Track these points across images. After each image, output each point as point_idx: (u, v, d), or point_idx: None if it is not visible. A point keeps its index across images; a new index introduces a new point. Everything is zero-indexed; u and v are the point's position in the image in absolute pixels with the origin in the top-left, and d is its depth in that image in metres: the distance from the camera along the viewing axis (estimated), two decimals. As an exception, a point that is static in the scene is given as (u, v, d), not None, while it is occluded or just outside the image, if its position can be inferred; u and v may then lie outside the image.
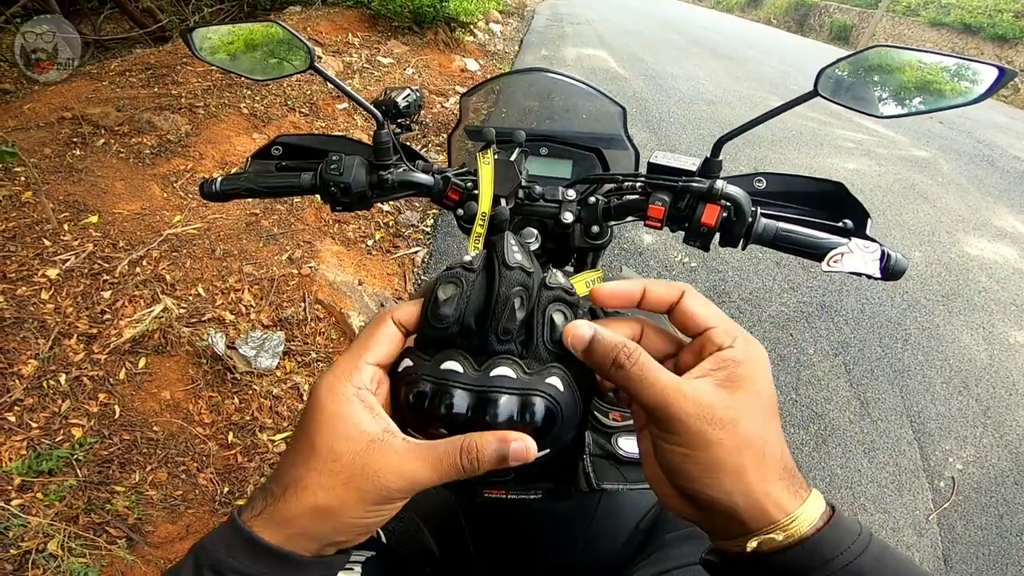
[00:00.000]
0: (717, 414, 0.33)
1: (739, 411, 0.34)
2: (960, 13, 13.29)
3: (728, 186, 0.61)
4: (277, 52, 0.73)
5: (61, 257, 2.12)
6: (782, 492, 0.33)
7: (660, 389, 0.34)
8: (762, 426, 0.34)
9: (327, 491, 0.33)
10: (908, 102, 0.62)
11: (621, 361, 0.36)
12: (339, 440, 0.34)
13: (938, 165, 5.31)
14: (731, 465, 0.33)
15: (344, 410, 0.35)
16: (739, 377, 0.35)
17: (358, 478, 0.33)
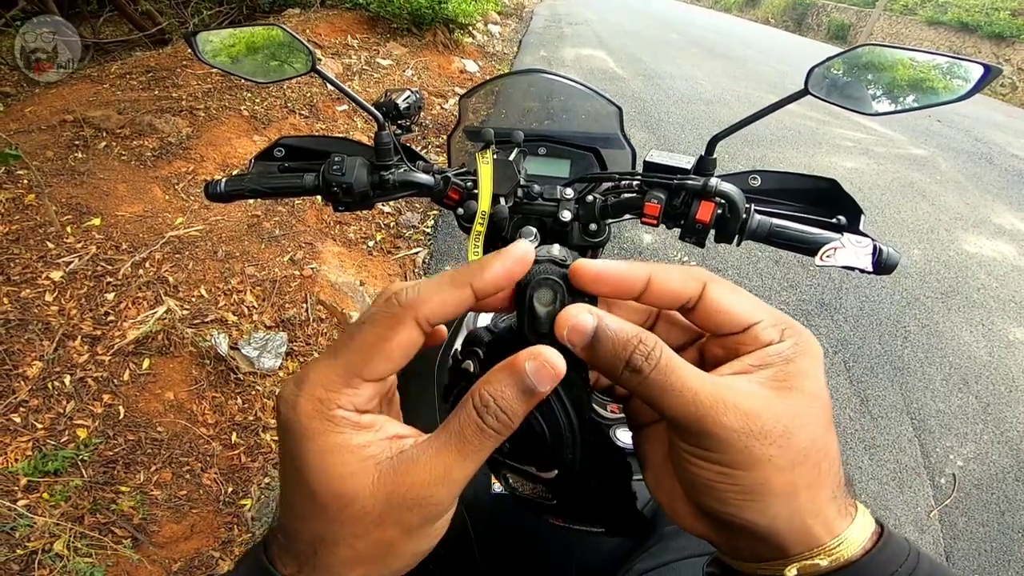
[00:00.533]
0: (767, 426, 0.26)
1: (794, 420, 0.27)
2: (957, 11, 13.31)
3: (722, 183, 0.62)
4: (278, 55, 0.75)
5: (64, 259, 2.14)
6: (835, 514, 0.28)
7: (692, 397, 0.27)
8: (821, 436, 0.28)
9: (362, 539, 0.28)
10: (898, 99, 0.64)
11: (637, 363, 0.27)
12: (344, 480, 0.27)
13: (936, 163, 5.32)
14: (781, 486, 0.27)
15: (335, 441, 0.27)
16: (791, 376, 0.28)
17: (392, 512, 0.27)
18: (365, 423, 0.28)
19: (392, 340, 0.28)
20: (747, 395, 0.27)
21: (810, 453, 0.27)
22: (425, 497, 0.27)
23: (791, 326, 0.30)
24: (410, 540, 0.29)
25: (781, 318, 0.30)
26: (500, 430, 0.28)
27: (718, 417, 0.26)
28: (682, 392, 0.27)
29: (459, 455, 0.27)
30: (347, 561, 0.28)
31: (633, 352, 0.27)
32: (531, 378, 0.27)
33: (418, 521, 0.28)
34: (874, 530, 0.29)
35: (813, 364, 0.29)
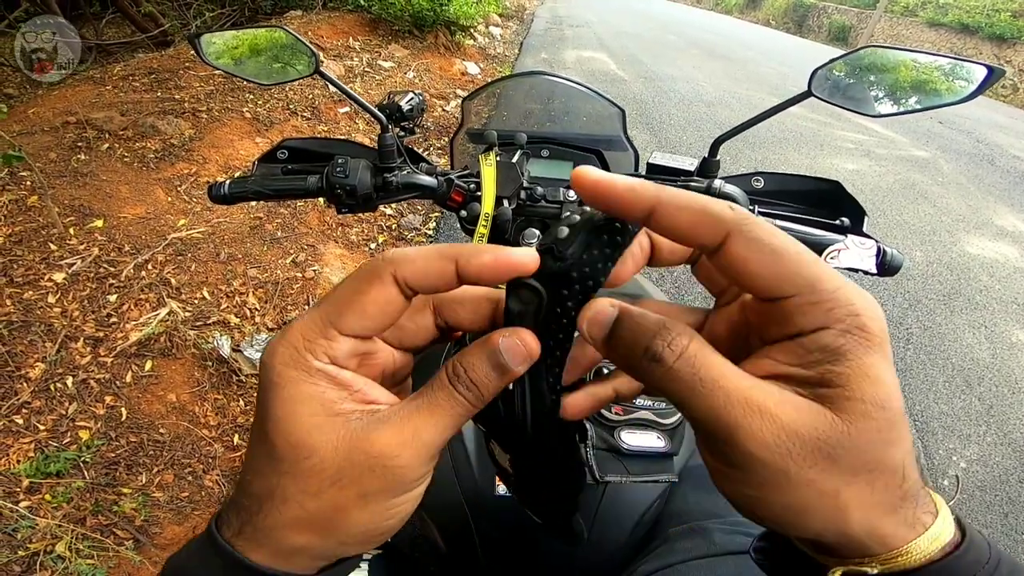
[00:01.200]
0: (808, 446, 0.22)
1: (844, 440, 0.22)
2: (958, 13, 13.30)
3: (726, 185, 0.63)
4: (282, 57, 0.75)
5: (67, 261, 2.14)
6: (897, 526, 0.23)
7: (723, 400, 0.22)
8: (879, 453, 0.22)
9: (314, 498, 0.26)
10: (901, 101, 0.64)
11: (658, 351, 0.24)
12: (308, 431, 0.25)
13: (938, 165, 5.32)
14: (824, 508, 0.23)
15: (306, 390, 0.26)
16: (843, 382, 0.22)
17: (351, 471, 0.25)
18: (342, 380, 0.27)
19: (368, 294, 0.26)
20: (787, 406, 0.22)
21: (861, 473, 0.22)
22: (389, 457, 0.25)
23: (840, 301, 0.22)
24: (365, 508, 0.26)
25: (825, 289, 0.22)
26: (472, 401, 0.26)
27: (750, 429, 0.22)
28: (712, 392, 0.23)
29: (429, 417, 0.26)
30: (292, 523, 0.26)
31: (654, 338, 0.24)
32: (504, 355, 0.26)
33: (378, 486, 0.26)
34: (951, 540, 0.24)
35: (873, 360, 0.22)
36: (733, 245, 0.23)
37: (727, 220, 0.23)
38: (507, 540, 0.65)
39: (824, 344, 0.22)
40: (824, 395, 0.22)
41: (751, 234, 0.23)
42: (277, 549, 0.27)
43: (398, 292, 0.27)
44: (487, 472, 0.65)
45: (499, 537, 0.65)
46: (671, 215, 0.24)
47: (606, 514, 0.65)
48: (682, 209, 0.24)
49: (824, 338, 0.22)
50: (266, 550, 0.27)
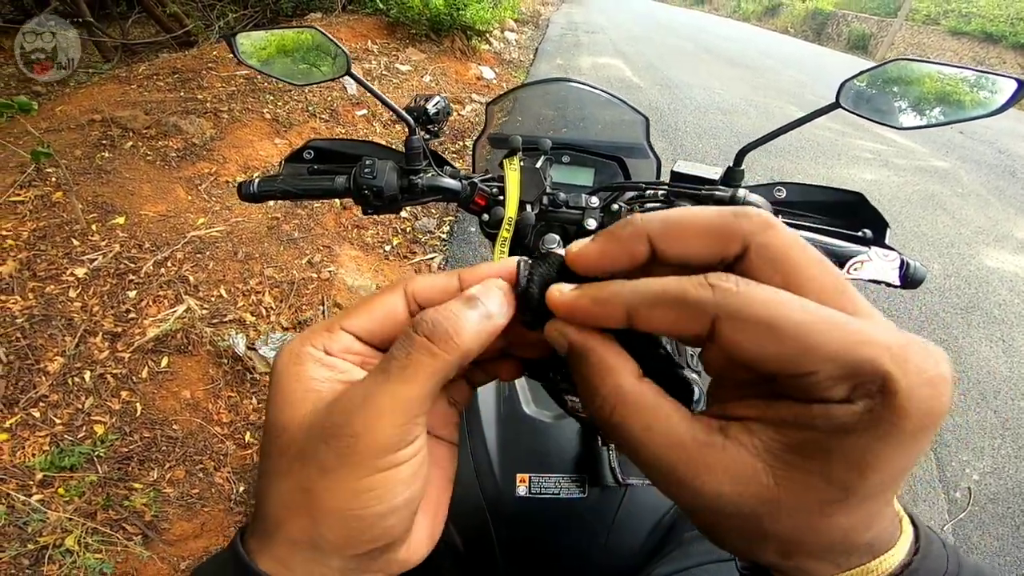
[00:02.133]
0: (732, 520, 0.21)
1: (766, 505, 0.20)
2: (981, 22, 13.14)
3: (750, 195, 0.63)
4: (313, 57, 0.76)
5: (89, 256, 2.18)
6: (818, 564, 0.22)
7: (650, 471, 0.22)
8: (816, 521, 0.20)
9: (285, 477, 0.25)
10: (928, 113, 0.64)
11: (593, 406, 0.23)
12: (283, 410, 0.25)
13: (958, 176, 5.25)
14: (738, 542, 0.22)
15: (294, 372, 0.26)
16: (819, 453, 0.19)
17: (310, 445, 0.24)
18: (328, 362, 0.27)
19: (378, 299, 0.28)
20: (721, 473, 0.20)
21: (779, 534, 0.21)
22: (339, 425, 0.24)
23: (877, 376, 0.18)
24: (330, 486, 0.24)
25: (862, 362, 0.18)
26: (444, 348, 0.24)
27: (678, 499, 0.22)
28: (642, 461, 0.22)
29: (384, 375, 0.24)
30: (278, 507, 0.25)
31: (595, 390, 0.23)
32: (479, 295, 0.25)
33: (335, 460, 0.24)
34: (911, 547, 0.23)
35: (882, 447, 0.18)
36: (723, 332, 0.20)
37: (707, 305, 0.20)
38: (526, 542, 0.65)
39: (832, 418, 0.19)
40: (785, 460, 0.20)
41: (741, 314, 0.19)
42: (277, 553, 0.25)
43: (403, 303, 0.28)
44: (508, 474, 0.66)
45: (518, 539, 0.65)
46: (650, 319, 0.21)
47: (625, 517, 0.65)
48: (656, 307, 0.21)
49: (837, 413, 0.19)
50: (268, 554, 0.25)
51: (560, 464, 0.66)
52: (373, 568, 0.27)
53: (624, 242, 0.23)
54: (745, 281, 0.20)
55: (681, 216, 0.22)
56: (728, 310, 0.20)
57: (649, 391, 0.23)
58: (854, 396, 0.18)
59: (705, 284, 0.20)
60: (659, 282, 0.21)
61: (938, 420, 0.18)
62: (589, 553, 0.64)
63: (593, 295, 0.23)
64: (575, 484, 0.65)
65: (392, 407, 0.24)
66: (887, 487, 0.20)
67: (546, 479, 0.65)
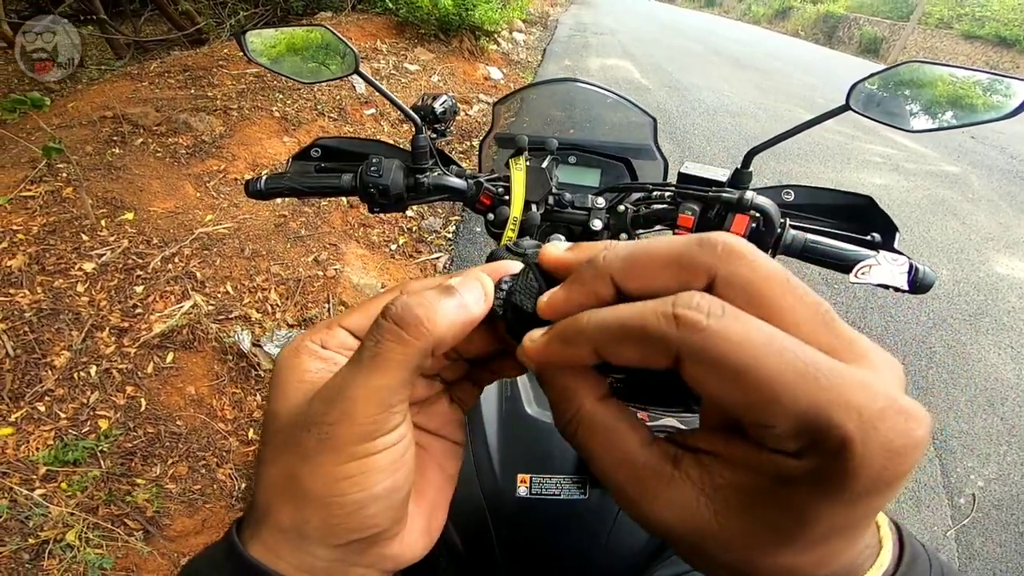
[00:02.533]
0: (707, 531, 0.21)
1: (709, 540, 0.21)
2: (995, 25, 13.03)
3: (758, 197, 0.62)
4: (322, 56, 0.77)
5: (97, 252, 2.20)
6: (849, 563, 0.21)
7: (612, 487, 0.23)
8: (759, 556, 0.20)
9: (273, 464, 0.26)
10: (939, 116, 0.63)
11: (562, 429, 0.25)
12: (277, 400, 0.27)
13: (969, 181, 5.20)
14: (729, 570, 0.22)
15: (292, 363, 0.27)
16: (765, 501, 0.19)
17: (293, 432, 0.25)
18: (323, 355, 0.28)
19: (375, 300, 0.29)
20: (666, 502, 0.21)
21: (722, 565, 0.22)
22: (319, 413, 0.24)
23: (836, 439, 0.17)
24: (310, 470, 0.24)
25: (821, 421, 0.17)
26: (413, 335, 0.24)
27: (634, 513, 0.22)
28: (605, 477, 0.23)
29: (356, 364, 0.24)
30: (270, 493, 0.25)
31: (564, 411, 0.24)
32: (456, 285, 0.25)
33: (313, 445, 0.24)
34: (891, 563, 0.23)
35: (829, 506, 0.18)
36: (686, 368, 0.19)
37: (671, 340, 0.19)
38: (525, 543, 0.65)
39: (783, 470, 0.18)
40: (729, 501, 0.20)
41: (705, 355, 0.18)
42: (266, 531, 0.25)
43: None
44: (509, 474, 0.66)
45: (518, 539, 0.65)
46: (618, 355, 0.20)
47: (626, 519, 0.65)
48: (621, 342, 0.20)
49: (788, 466, 0.18)
50: (262, 546, 0.25)
51: (561, 465, 0.66)
52: (362, 561, 0.27)
53: (587, 284, 0.23)
54: (719, 309, 0.18)
55: (643, 251, 0.22)
56: (691, 350, 0.18)
57: (608, 414, 0.23)
58: (805, 452, 0.18)
59: (669, 315, 0.19)
60: (623, 315, 0.20)
61: (894, 486, 0.18)
62: (589, 555, 0.64)
63: (561, 335, 0.23)
64: (576, 485, 0.65)
65: (365, 396, 0.24)
66: (836, 536, 0.19)
67: (547, 480, 0.65)
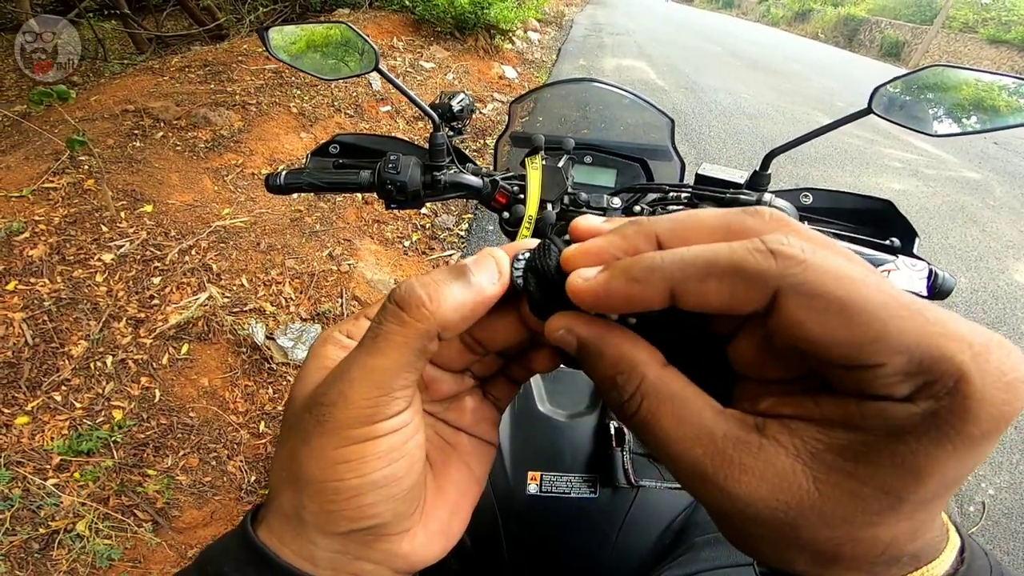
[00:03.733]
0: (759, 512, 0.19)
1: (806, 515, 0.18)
2: (1021, 30, 12.78)
3: (776, 200, 0.62)
4: (342, 52, 0.77)
5: (116, 243, 2.23)
6: (912, 556, 0.20)
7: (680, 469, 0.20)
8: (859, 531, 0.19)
9: (281, 446, 0.26)
10: (963, 121, 0.62)
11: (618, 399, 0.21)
12: (298, 384, 0.26)
13: (990, 187, 5.11)
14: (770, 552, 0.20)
15: (318, 351, 0.27)
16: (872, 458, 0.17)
17: (297, 416, 0.25)
18: (346, 344, 0.27)
19: None
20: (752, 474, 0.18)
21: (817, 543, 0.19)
22: (320, 394, 0.24)
23: (950, 373, 0.16)
24: (309, 454, 0.24)
25: (935, 355, 0.16)
26: (414, 316, 0.23)
27: (710, 499, 0.20)
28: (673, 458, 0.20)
29: (360, 347, 0.24)
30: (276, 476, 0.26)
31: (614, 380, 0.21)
32: (468, 264, 0.24)
33: (313, 426, 0.24)
34: (956, 555, 0.21)
35: (944, 451, 0.16)
36: (786, 307, 0.17)
37: (771, 274, 0.17)
38: (535, 540, 0.65)
39: (893, 419, 0.17)
40: (830, 464, 0.18)
41: (807, 287, 0.17)
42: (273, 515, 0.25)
43: None
44: (520, 471, 0.66)
45: (527, 537, 0.65)
46: (700, 294, 0.18)
47: (635, 519, 0.65)
48: (707, 280, 0.18)
49: (899, 413, 0.17)
50: (267, 522, 0.26)
51: (572, 463, 0.66)
52: (369, 557, 0.26)
53: (629, 239, 0.21)
54: (811, 245, 0.17)
55: (691, 216, 0.21)
56: (794, 283, 0.17)
57: (677, 381, 0.21)
58: (917, 396, 0.16)
59: (765, 251, 0.17)
60: (708, 250, 0.18)
61: (1007, 426, 0.16)
62: (598, 554, 0.64)
63: (627, 272, 0.20)
64: (586, 484, 0.65)
65: (363, 377, 0.23)
66: (942, 495, 0.18)
67: (557, 478, 0.65)
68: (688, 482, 0.20)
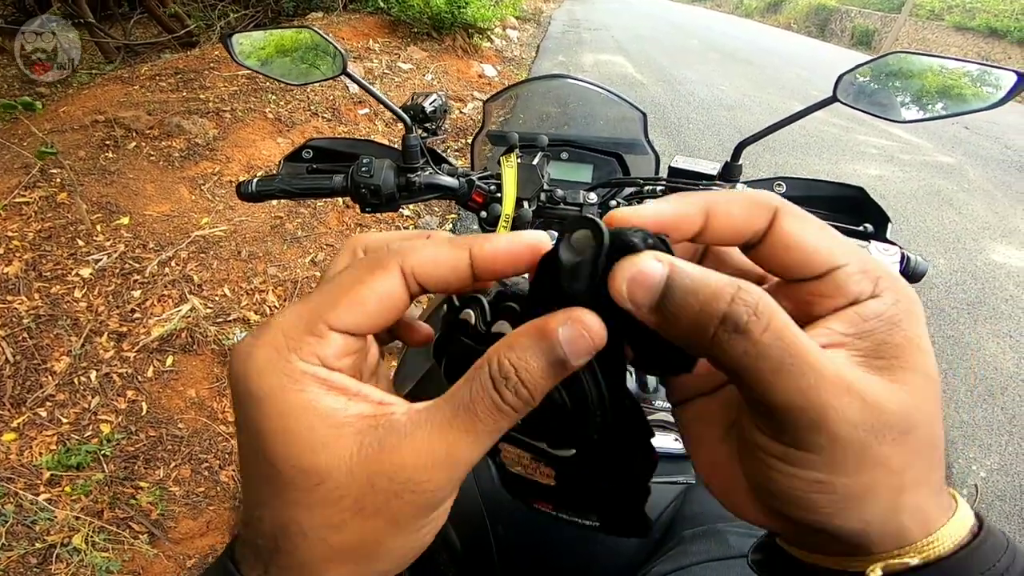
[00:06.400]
0: (890, 420, 0.20)
1: (916, 411, 0.21)
2: (985, 17, 13.03)
3: (748, 190, 0.62)
4: (310, 57, 0.77)
5: (94, 257, 2.19)
6: (936, 508, 0.22)
7: (814, 381, 0.19)
8: (938, 423, 0.22)
9: (337, 531, 0.22)
10: (928, 107, 0.63)
11: (741, 319, 0.19)
12: (313, 450, 0.21)
13: (964, 171, 5.21)
14: (888, 491, 0.21)
15: (297, 400, 0.22)
16: (903, 350, 0.21)
17: (376, 497, 0.22)
18: (336, 383, 0.22)
19: (367, 283, 0.23)
20: (866, 380, 0.21)
21: (923, 449, 0.21)
22: (421, 482, 0.21)
23: (885, 274, 0.23)
24: (399, 534, 0.23)
25: (870, 262, 0.23)
26: (518, 408, 0.22)
27: (840, 407, 0.20)
28: (802, 371, 0.19)
29: (467, 434, 0.21)
30: (319, 559, 0.22)
31: (732, 303, 0.19)
32: (564, 348, 0.21)
33: (411, 512, 0.22)
34: (972, 524, 0.23)
35: (922, 331, 0.22)
36: (783, 223, 0.23)
37: (773, 202, 0.23)
38: (523, 543, 0.65)
39: (879, 312, 0.22)
40: (881, 367, 0.21)
41: (798, 210, 0.24)
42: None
43: (403, 286, 0.24)
44: None
45: (516, 540, 0.65)
46: (725, 214, 0.23)
47: None
48: (732, 203, 0.23)
49: (878, 306, 0.22)
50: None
51: None
52: None
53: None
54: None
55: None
56: (787, 210, 0.23)
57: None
58: (878, 291, 0.22)
59: (767, 194, 0.24)
60: (722, 191, 0.26)
61: (923, 314, 0.23)
62: (587, 552, 0.64)
63: (669, 206, 0.24)
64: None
65: (468, 463, 0.22)
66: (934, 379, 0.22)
67: None
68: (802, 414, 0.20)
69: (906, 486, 0.21)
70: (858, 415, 0.20)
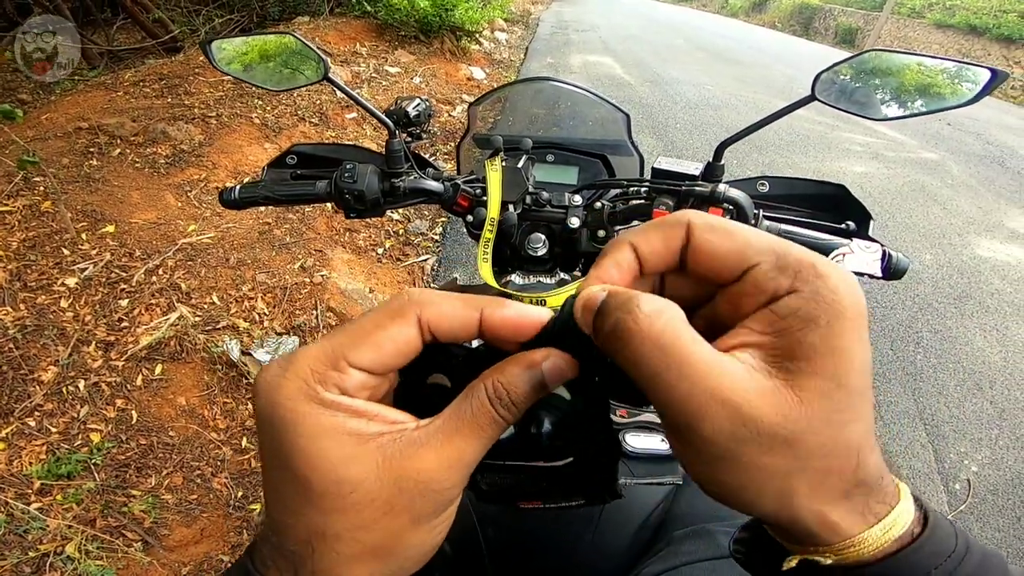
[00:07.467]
0: (761, 429, 0.21)
1: (802, 420, 0.21)
2: (965, 14, 13.19)
3: (730, 190, 0.63)
4: (291, 63, 0.76)
5: (80, 266, 2.17)
6: (846, 514, 0.23)
7: (687, 391, 0.21)
8: (837, 433, 0.22)
9: (368, 531, 0.26)
10: (906, 104, 0.64)
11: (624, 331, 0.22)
12: (345, 464, 0.25)
13: (947, 167, 5.28)
14: (774, 492, 0.23)
15: (327, 423, 0.25)
16: (810, 350, 0.22)
17: (402, 498, 0.25)
18: (358, 409, 0.26)
19: (388, 329, 0.26)
20: (750, 392, 0.21)
21: (814, 458, 0.22)
22: (438, 481, 0.26)
23: (807, 265, 0.22)
24: (419, 530, 0.27)
25: (791, 254, 0.23)
26: (508, 419, 0.27)
27: (712, 420, 0.21)
28: (680, 379, 0.21)
29: (471, 440, 0.26)
30: (351, 558, 0.26)
31: (621, 314, 0.23)
32: (546, 375, 0.26)
33: (431, 508, 0.26)
34: (907, 531, 0.23)
35: (842, 328, 0.21)
36: (695, 235, 0.25)
37: (683, 219, 0.26)
38: (513, 545, 0.65)
39: (794, 308, 0.22)
40: (790, 368, 0.22)
41: (707, 221, 0.25)
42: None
43: (417, 334, 0.27)
44: None
45: (505, 542, 0.65)
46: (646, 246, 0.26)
47: (610, 517, 0.65)
48: (649, 234, 0.26)
49: (794, 302, 0.22)
50: None
51: None
52: None
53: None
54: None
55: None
56: (698, 217, 0.26)
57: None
58: (796, 286, 0.23)
59: (681, 212, 0.27)
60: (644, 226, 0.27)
61: (862, 314, 0.22)
62: (577, 553, 0.64)
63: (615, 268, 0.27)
64: None
65: (472, 463, 0.27)
66: (865, 382, 0.22)
67: None
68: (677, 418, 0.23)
69: (796, 491, 0.23)
70: (726, 425, 0.21)
